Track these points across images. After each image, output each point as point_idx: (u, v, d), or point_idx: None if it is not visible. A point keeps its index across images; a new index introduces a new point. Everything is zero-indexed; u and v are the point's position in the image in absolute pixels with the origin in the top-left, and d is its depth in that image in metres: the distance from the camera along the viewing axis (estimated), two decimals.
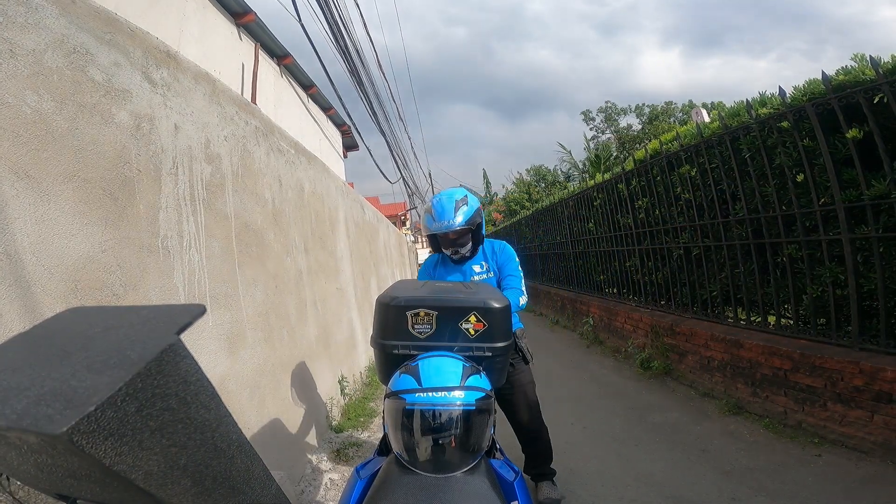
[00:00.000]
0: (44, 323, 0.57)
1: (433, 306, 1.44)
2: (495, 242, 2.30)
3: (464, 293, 1.52)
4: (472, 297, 1.48)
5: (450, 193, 2.15)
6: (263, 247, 2.57)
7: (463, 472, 1.15)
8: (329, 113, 10.10)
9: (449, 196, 2.13)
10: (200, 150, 2.03)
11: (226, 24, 5.91)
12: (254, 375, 2.25)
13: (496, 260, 2.23)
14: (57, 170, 1.28)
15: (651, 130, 19.35)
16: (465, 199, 2.11)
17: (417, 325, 1.43)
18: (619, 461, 2.72)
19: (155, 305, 0.55)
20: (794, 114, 2.85)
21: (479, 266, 2.22)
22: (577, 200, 6.95)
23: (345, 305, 4.33)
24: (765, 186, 3.19)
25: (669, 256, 4.45)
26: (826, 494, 2.17)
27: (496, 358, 1.47)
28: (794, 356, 2.89)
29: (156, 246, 1.65)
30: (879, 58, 2.46)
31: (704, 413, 3.33)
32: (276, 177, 2.91)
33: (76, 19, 1.40)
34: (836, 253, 2.79)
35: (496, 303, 1.46)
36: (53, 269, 1.24)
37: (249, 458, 0.58)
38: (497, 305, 1.46)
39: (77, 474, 0.45)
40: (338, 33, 5.72)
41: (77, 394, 0.39)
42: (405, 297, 1.47)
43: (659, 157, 4.36)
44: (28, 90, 1.21)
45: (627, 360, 4.82)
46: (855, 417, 2.52)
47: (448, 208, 2.07)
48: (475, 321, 1.44)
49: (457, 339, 1.43)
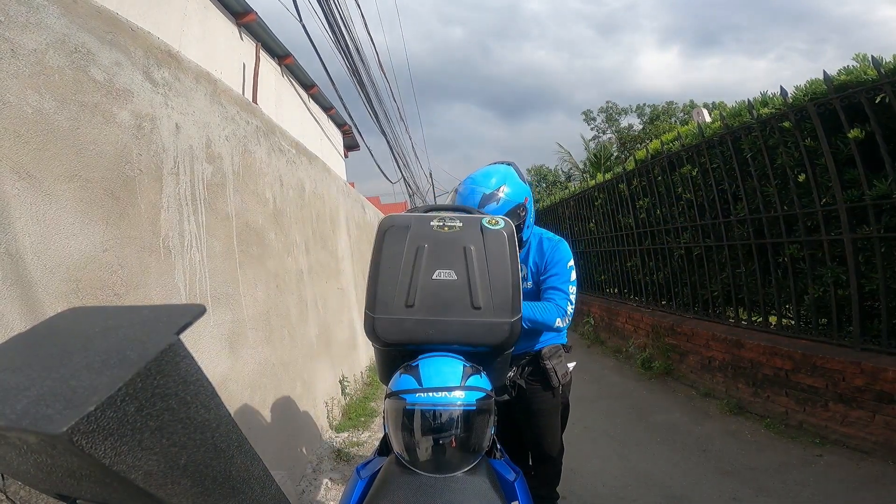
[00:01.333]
0: (44, 322, 0.57)
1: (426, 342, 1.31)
2: (547, 239, 1.76)
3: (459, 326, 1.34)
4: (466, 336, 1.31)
5: (481, 177, 1.65)
6: (264, 246, 2.57)
7: (463, 472, 1.15)
8: (330, 113, 10.11)
9: (478, 184, 1.64)
10: (202, 149, 2.03)
11: (227, 24, 5.92)
12: (254, 375, 2.25)
13: (542, 262, 1.73)
14: (58, 169, 1.28)
15: (652, 130, 19.32)
16: (493, 195, 1.61)
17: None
18: (620, 461, 2.72)
19: (155, 305, 0.55)
20: (795, 114, 2.84)
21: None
22: (577, 200, 6.94)
23: (346, 305, 4.33)
24: (766, 186, 3.19)
25: (670, 256, 4.44)
26: (827, 495, 2.17)
27: (496, 358, 1.46)
28: (796, 356, 2.89)
29: (157, 245, 1.66)
30: (881, 58, 2.45)
31: (705, 413, 3.33)
32: (277, 176, 2.91)
33: (77, 19, 1.40)
34: (837, 253, 2.79)
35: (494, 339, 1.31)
36: (54, 269, 1.24)
37: (249, 458, 0.58)
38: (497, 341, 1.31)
39: (77, 474, 0.45)
40: (338, 32, 5.73)
41: (77, 394, 0.39)
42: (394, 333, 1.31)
43: (660, 156, 4.36)
44: (29, 90, 1.21)
45: (628, 360, 4.82)
46: (856, 417, 2.52)
47: (470, 201, 1.63)
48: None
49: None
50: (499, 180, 1.63)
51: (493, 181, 1.63)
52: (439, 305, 1.31)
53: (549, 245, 1.74)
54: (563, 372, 1.77)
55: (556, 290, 1.66)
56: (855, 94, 2.49)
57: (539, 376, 1.75)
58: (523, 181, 1.70)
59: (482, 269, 1.34)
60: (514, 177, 1.67)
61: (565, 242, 1.77)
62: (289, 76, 7.88)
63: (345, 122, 10.71)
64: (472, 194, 1.62)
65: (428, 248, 1.37)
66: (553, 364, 1.74)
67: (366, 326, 1.35)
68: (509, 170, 1.69)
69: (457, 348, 1.32)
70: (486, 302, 1.31)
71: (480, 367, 1.29)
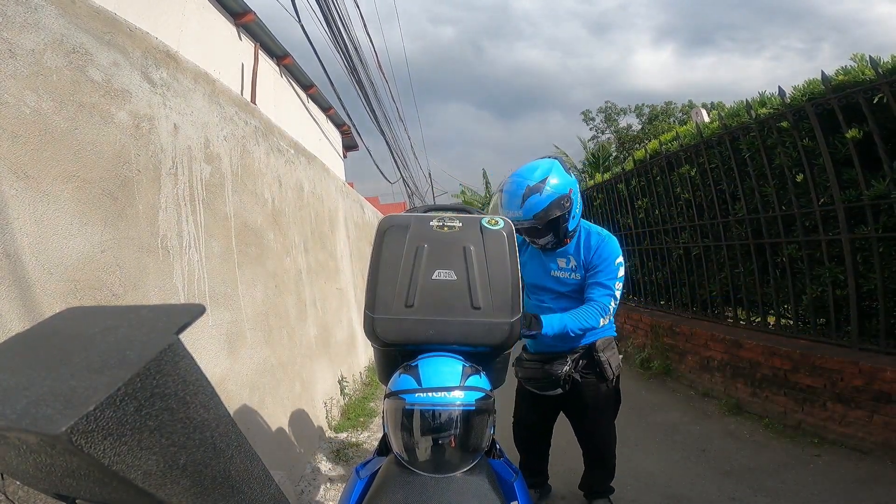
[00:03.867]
0: (43, 323, 0.57)
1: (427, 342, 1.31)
2: (595, 234, 1.79)
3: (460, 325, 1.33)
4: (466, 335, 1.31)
5: (526, 171, 1.69)
6: (263, 247, 2.57)
7: (463, 473, 1.15)
8: (329, 113, 10.10)
9: (522, 177, 1.67)
10: (200, 150, 2.03)
11: (225, 24, 5.91)
12: (253, 375, 2.25)
13: (589, 256, 1.75)
14: (56, 170, 1.28)
15: (651, 130, 19.34)
16: (537, 186, 1.64)
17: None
18: (619, 461, 2.70)
19: (154, 305, 0.55)
20: (793, 114, 2.85)
21: (566, 260, 1.80)
22: None
23: (345, 305, 4.33)
24: (764, 186, 3.19)
25: (669, 256, 4.45)
26: (826, 494, 2.17)
27: (496, 358, 1.46)
28: (794, 356, 2.89)
29: (155, 246, 1.65)
30: (879, 58, 2.46)
31: (704, 413, 3.33)
32: (275, 177, 2.91)
33: (75, 19, 1.39)
34: (835, 253, 2.79)
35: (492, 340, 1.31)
36: (53, 269, 1.23)
37: (249, 458, 0.58)
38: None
39: (76, 474, 0.45)
40: (336, 32, 5.73)
41: (76, 394, 0.39)
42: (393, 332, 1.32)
43: (659, 157, 4.36)
44: (27, 90, 1.21)
45: (627, 360, 4.82)
46: (855, 417, 2.52)
47: (515, 195, 1.65)
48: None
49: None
50: (543, 172, 1.67)
51: (537, 173, 1.67)
52: (439, 305, 1.31)
53: (597, 240, 1.77)
54: (616, 363, 1.84)
55: (601, 286, 1.71)
56: (853, 95, 2.50)
57: (593, 369, 1.80)
58: (568, 174, 1.74)
59: (482, 270, 1.34)
60: (560, 169, 1.71)
61: (615, 239, 1.79)
62: (287, 76, 7.87)
63: (344, 122, 10.70)
64: (518, 187, 1.66)
65: (427, 248, 1.37)
66: (607, 356, 1.80)
67: (365, 327, 1.36)
68: (554, 163, 1.73)
69: (457, 348, 1.32)
70: (485, 302, 1.31)
71: (480, 368, 1.29)
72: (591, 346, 1.80)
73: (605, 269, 1.73)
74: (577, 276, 1.78)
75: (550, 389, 1.79)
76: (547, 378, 1.76)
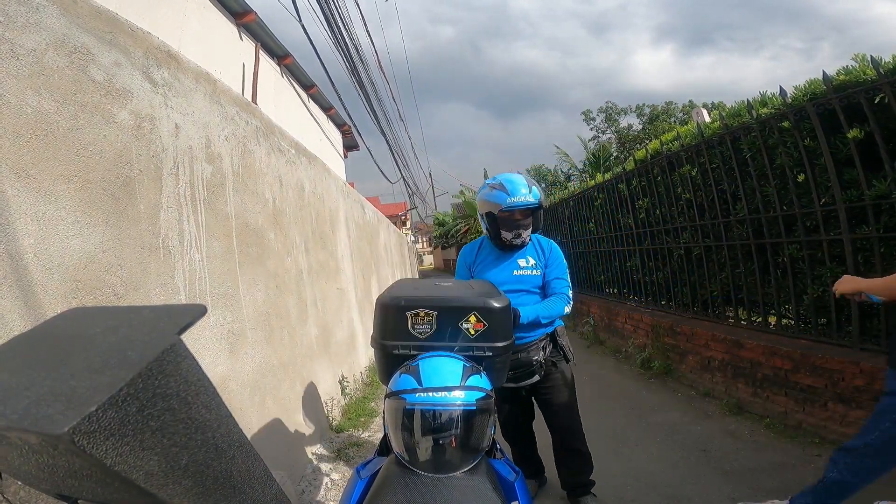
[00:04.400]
0: (45, 323, 0.57)
1: (433, 306, 1.44)
2: (542, 239, 2.15)
3: (464, 293, 1.52)
4: (473, 297, 1.48)
5: (516, 175, 2.04)
6: (264, 247, 2.57)
7: (463, 472, 1.15)
8: (329, 113, 10.11)
9: (518, 176, 2.02)
10: (201, 149, 2.03)
11: (226, 24, 5.91)
12: (254, 375, 2.25)
13: (545, 257, 2.09)
14: (58, 170, 1.28)
15: (651, 130, 19.34)
16: (532, 182, 2.02)
17: (418, 326, 1.43)
18: (620, 461, 2.72)
19: (156, 305, 0.55)
20: (794, 114, 2.85)
21: (525, 260, 2.07)
22: (577, 200, 6.94)
23: (345, 305, 4.33)
24: (765, 186, 3.19)
25: (670, 256, 4.45)
26: None
27: (496, 358, 1.47)
28: (795, 356, 2.89)
29: (157, 246, 1.65)
30: (880, 58, 2.46)
31: (705, 413, 3.33)
32: (276, 177, 2.91)
33: (77, 19, 1.39)
34: (836, 253, 2.79)
35: (496, 302, 1.46)
36: (54, 269, 1.24)
37: (250, 458, 0.58)
38: (497, 305, 1.45)
39: (78, 474, 0.45)
40: (337, 32, 5.73)
41: (78, 394, 0.39)
42: (405, 298, 1.47)
43: (659, 157, 4.36)
44: (29, 90, 1.21)
45: (628, 360, 4.82)
46: (856, 417, 2.52)
47: (522, 183, 1.97)
48: (475, 321, 1.44)
49: (457, 338, 1.43)
50: (531, 183, 2.01)
51: (528, 183, 2.01)
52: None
53: (547, 243, 2.14)
54: (570, 347, 2.16)
55: (560, 279, 2.07)
56: (854, 95, 2.50)
57: (557, 353, 2.11)
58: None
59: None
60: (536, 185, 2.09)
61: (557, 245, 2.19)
62: (288, 76, 7.88)
63: (344, 122, 10.71)
64: (520, 177, 2.00)
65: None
66: (565, 341, 2.13)
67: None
68: (531, 178, 2.09)
69: (457, 349, 1.33)
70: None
71: (480, 367, 1.29)
72: (554, 333, 2.10)
73: (560, 265, 2.09)
74: (538, 272, 2.07)
75: (528, 379, 2.04)
76: (525, 366, 2.01)
